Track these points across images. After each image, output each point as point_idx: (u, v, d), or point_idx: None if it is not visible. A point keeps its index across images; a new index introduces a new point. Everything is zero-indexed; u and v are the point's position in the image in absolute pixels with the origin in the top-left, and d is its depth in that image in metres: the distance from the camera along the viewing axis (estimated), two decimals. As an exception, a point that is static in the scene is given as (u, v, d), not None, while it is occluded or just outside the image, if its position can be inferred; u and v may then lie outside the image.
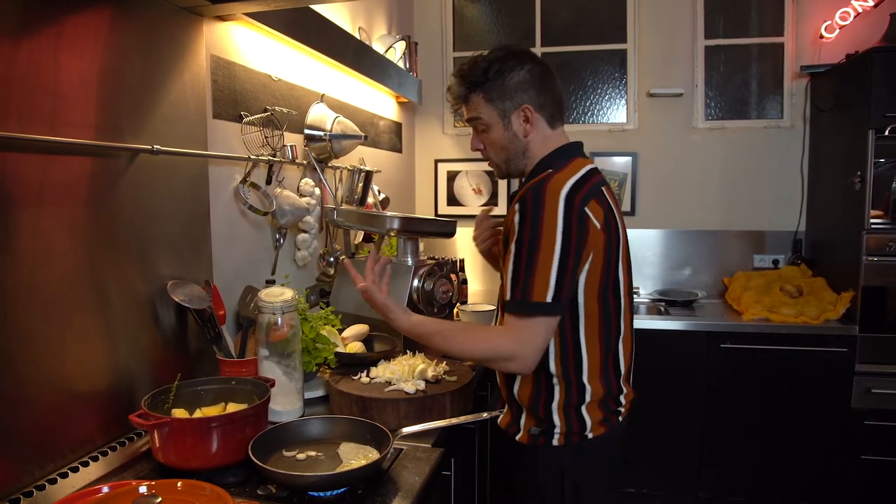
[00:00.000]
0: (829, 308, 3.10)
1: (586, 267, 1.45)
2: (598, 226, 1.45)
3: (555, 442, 1.53)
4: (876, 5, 3.38)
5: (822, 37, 3.53)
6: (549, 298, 1.39)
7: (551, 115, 1.61)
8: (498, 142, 1.58)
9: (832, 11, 3.48)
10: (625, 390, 1.59)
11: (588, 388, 1.52)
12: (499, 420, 1.65)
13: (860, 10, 3.41)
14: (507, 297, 1.42)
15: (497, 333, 1.45)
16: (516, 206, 1.44)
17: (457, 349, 1.50)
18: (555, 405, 1.52)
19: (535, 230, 1.39)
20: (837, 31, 3.48)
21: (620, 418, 1.58)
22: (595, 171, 1.58)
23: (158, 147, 1.59)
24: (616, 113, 3.93)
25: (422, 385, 1.76)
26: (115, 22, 1.50)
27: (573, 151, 1.62)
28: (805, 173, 3.66)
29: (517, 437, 1.57)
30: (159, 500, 1.06)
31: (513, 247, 1.42)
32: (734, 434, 3.21)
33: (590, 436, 1.53)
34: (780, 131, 3.70)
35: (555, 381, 1.52)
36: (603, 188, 1.55)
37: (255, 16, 1.95)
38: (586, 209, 1.43)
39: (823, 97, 3.46)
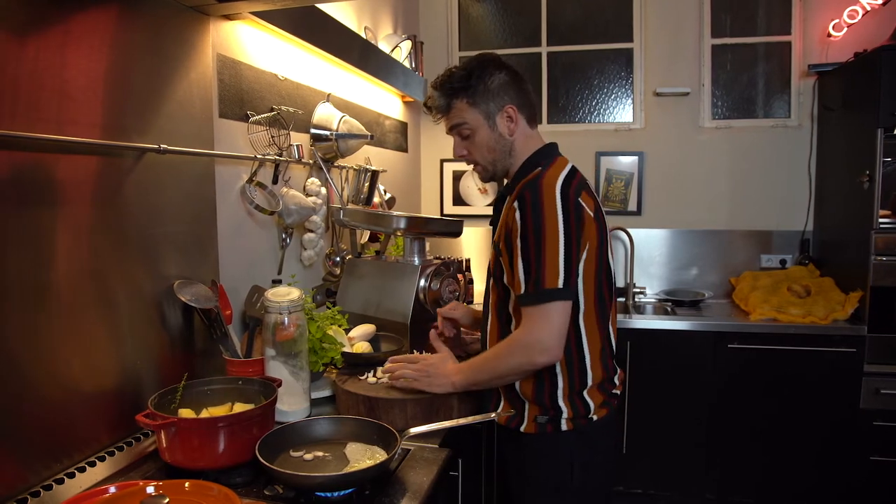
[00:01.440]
0: (838, 308, 3.08)
1: (584, 255, 1.52)
2: (591, 215, 1.54)
3: (563, 427, 1.59)
4: (884, 3, 3.36)
5: (829, 35, 3.51)
6: (560, 284, 1.46)
7: (529, 115, 1.69)
8: (484, 144, 1.64)
9: (840, 10, 3.46)
10: (617, 370, 1.69)
11: (590, 372, 1.60)
12: (496, 418, 1.69)
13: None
14: (521, 290, 1.49)
15: (516, 332, 1.53)
16: (515, 204, 1.52)
17: (494, 368, 1.58)
18: (560, 393, 1.59)
19: (538, 222, 1.47)
20: (845, 29, 3.46)
21: (616, 401, 1.66)
22: (576, 168, 1.65)
23: (165, 146, 1.59)
24: (622, 112, 3.92)
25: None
26: (122, 21, 1.50)
27: (555, 150, 1.71)
28: (813, 173, 3.64)
29: (522, 429, 1.62)
30: (167, 500, 1.06)
31: (519, 242, 1.50)
32: (741, 435, 3.19)
33: (594, 418, 1.60)
34: (787, 130, 3.68)
35: (558, 369, 1.58)
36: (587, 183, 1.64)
37: (261, 15, 1.95)
38: (580, 200, 1.53)
39: (831, 96, 3.45)
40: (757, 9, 3.67)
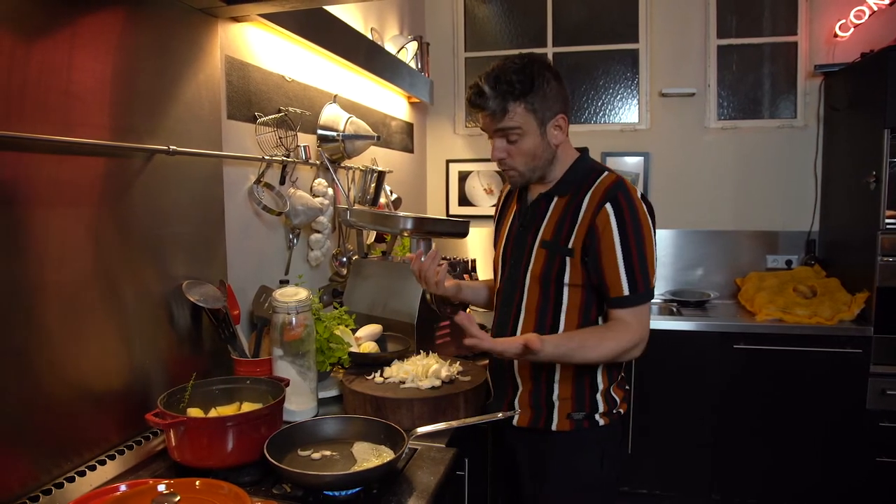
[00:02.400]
0: (844, 309, 3.08)
1: None
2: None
3: (601, 423, 1.63)
4: (891, 3, 3.35)
5: (836, 35, 3.50)
6: (654, 284, 1.57)
7: (569, 122, 1.66)
8: (529, 150, 1.57)
9: (847, 10, 3.45)
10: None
11: (619, 369, 1.69)
12: (514, 421, 1.68)
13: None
14: (626, 292, 1.53)
15: (626, 329, 1.54)
16: (608, 207, 1.53)
17: (597, 356, 1.55)
18: (600, 390, 1.63)
19: (637, 227, 1.52)
20: (852, 29, 3.45)
21: (629, 397, 1.70)
22: None
23: (174, 147, 1.60)
24: (628, 113, 3.92)
25: (438, 382, 1.77)
26: (130, 22, 1.51)
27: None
28: (819, 173, 3.63)
29: (553, 427, 1.64)
30: (178, 498, 1.07)
31: (618, 245, 1.52)
32: (747, 435, 3.19)
33: (621, 412, 1.68)
34: (793, 131, 3.67)
35: (599, 369, 1.63)
36: None
37: (269, 17, 1.96)
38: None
39: (838, 96, 3.44)
40: (763, 9, 3.67)
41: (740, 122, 3.75)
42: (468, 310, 1.99)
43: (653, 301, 3.64)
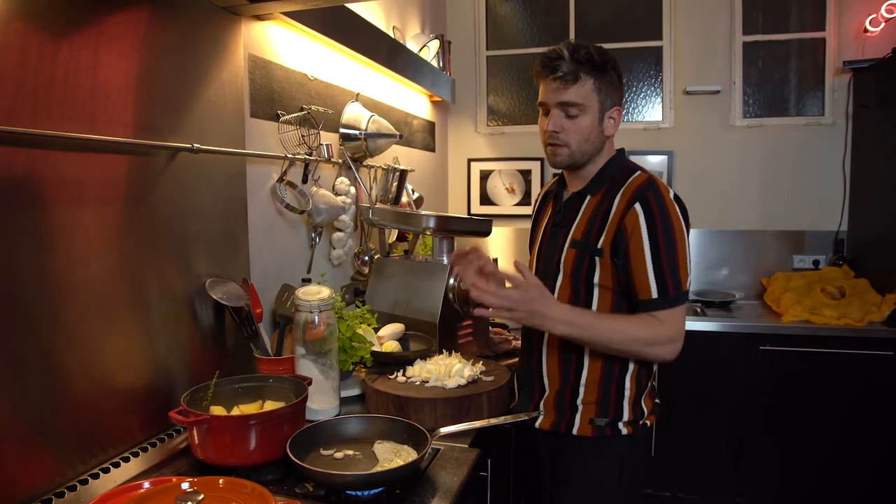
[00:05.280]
0: (874, 310, 3.01)
1: None
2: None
3: (623, 431, 1.60)
4: (924, -2, 3.28)
5: (866, 31, 3.43)
6: (688, 286, 1.55)
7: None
8: (584, 130, 1.58)
9: (878, 4, 3.37)
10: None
11: (650, 379, 1.66)
12: (537, 424, 1.68)
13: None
14: (654, 294, 1.51)
15: (654, 323, 1.53)
16: (638, 207, 1.52)
17: (618, 336, 1.53)
18: (626, 398, 1.61)
19: (668, 228, 1.51)
20: (883, 24, 3.38)
21: (659, 409, 1.70)
22: None
23: (198, 146, 1.60)
24: (651, 111, 3.88)
25: (463, 381, 1.75)
26: (155, 21, 1.51)
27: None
28: (847, 172, 3.56)
29: (574, 431, 1.61)
30: (202, 497, 1.06)
31: (647, 246, 1.51)
32: (773, 439, 3.13)
33: (647, 423, 1.64)
34: (820, 129, 3.61)
35: (629, 375, 1.60)
36: None
37: (292, 15, 1.96)
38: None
39: (867, 93, 3.37)
40: (790, 5, 3.61)
41: (766, 120, 3.69)
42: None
43: (677, 301, 3.66)
